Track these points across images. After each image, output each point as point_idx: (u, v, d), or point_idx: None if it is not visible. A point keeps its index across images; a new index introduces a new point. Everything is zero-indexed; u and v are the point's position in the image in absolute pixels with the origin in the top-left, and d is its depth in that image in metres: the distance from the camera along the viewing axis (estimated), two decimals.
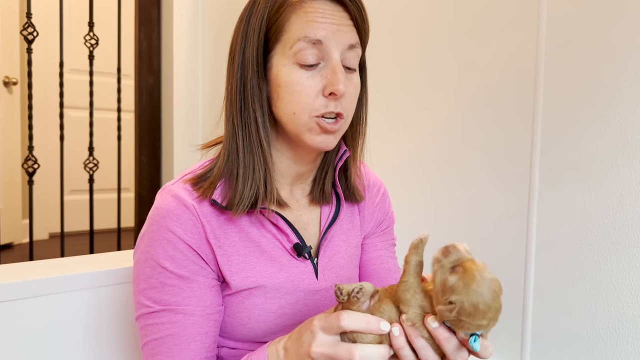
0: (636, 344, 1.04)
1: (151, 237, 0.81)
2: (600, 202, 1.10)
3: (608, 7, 1.08)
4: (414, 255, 0.65)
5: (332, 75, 0.77)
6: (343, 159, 0.90)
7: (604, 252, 1.09)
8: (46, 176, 3.72)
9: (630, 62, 1.05)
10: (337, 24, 0.78)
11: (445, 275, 0.60)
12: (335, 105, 0.78)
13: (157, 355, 0.79)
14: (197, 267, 0.81)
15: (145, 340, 0.81)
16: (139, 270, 0.82)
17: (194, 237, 0.80)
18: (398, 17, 1.58)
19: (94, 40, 2.55)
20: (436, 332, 0.63)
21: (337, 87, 0.76)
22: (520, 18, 1.24)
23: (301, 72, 0.78)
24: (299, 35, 0.77)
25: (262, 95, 0.81)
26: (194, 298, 0.80)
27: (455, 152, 1.41)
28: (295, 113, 0.79)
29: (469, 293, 0.57)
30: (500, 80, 1.29)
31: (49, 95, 3.76)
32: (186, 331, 0.79)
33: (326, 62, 0.78)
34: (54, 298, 1.07)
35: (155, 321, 0.80)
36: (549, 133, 1.19)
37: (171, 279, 0.79)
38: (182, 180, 0.85)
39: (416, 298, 0.64)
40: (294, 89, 0.78)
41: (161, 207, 0.81)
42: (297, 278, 0.86)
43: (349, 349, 0.65)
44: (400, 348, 0.65)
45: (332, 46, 0.77)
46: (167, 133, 2.82)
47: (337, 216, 0.93)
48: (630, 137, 1.05)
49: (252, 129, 0.81)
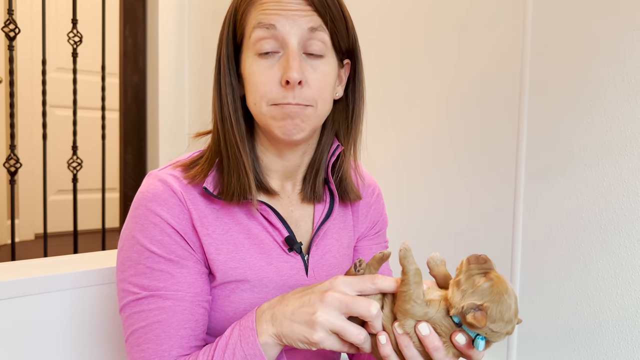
0: (622, 342, 1.05)
1: (137, 222, 0.79)
2: (586, 201, 1.10)
3: (592, 6, 1.08)
4: (411, 265, 0.65)
5: (286, 62, 0.76)
6: (335, 154, 0.89)
7: (590, 251, 1.09)
8: (33, 176, 3.69)
9: (616, 60, 1.05)
10: (292, 9, 0.76)
11: (475, 277, 0.62)
12: (293, 95, 0.76)
13: (143, 344, 0.76)
14: (185, 252, 0.79)
15: (131, 330, 0.78)
16: (124, 256, 0.80)
17: (181, 222, 0.79)
18: (385, 17, 1.57)
19: (78, 38, 2.53)
20: (427, 340, 0.63)
21: (289, 74, 0.74)
22: (506, 17, 1.24)
23: (260, 61, 0.77)
24: (255, 24, 0.77)
25: (234, 92, 0.82)
26: (184, 283, 0.78)
27: (440, 152, 1.41)
28: (256, 103, 0.79)
29: (500, 301, 0.60)
30: (486, 80, 1.29)
31: (35, 93, 3.72)
32: (176, 317, 0.76)
33: (284, 51, 0.77)
34: (35, 299, 1.05)
35: (143, 308, 0.77)
36: (535, 132, 1.19)
37: (160, 264, 0.77)
38: (171, 166, 0.84)
39: (416, 310, 0.64)
40: (253, 79, 0.78)
41: (147, 191, 0.80)
42: (287, 273, 0.84)
43: (368, 301, 0.65)
44: (387, 356, 0.66)
45: (287, 31, 0.76)
46: (152, 132, 2.80)
47: (331, 214, 0.91)
48: (616, 136, 1.05)
49: (228, 125, 0.81)
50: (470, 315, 0.60)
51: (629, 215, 1.04)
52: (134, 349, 0.77)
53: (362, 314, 0.65)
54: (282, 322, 0.68)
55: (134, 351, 0.77)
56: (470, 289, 0.61)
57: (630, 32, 1.03)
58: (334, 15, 0.79)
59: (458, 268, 0.64)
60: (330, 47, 0.80)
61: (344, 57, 0.86)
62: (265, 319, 0.70)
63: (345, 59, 0.86)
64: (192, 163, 0.84)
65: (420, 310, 0.64)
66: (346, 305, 0.65)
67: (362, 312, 0.65)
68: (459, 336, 0.63)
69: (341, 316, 0.66)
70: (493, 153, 1.28)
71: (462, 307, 0.61)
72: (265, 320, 0.70)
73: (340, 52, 0.84)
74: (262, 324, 0.70)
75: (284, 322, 0.68)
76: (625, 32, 1.04)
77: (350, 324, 0.66)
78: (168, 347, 0.76)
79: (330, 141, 0.90)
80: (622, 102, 1.04)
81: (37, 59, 3.62)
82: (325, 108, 0.82)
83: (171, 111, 2.73)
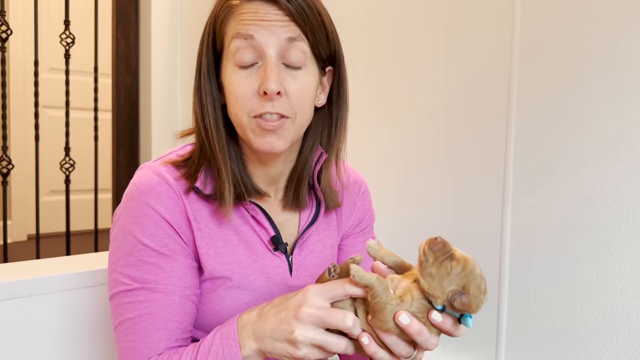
0: (608, 342, 1.06)
1: (130, 214, 0.80)
2: (573, 202, 1.11)
3: (579, 11, 1.10)
4: (369, 278, 0.66)
5: (264, 73, 0.76)
6: (321, 161, 0.90)
7: (577, 252, 1.11)
8: (25, 177, 3.67)
9: (602, 64, 1.06)
10: (269, 20, 0.77)
11: (445, 263, 0.65)
12: (272, 105, 0.77)
13: (131, 335, 0.78)
14: (178, 246, 0.80)
15: (120, 320, 0.79)
16: (116, 247, 0.81)
17: (175, 215, 0.80)
18: (373, 19, 1.58)
19: (70, 39, 2.52)
20: (409, 329, 0.65)
21: (267, 85, 0.75)
22: (495, 20, 1.25)
23: (240, 72, 0.78)
24: (233, 34, 0.77)
25: (215, 102, 0.82)
26: (174, 277, 0.79)
27: (428, 153, 1.42)
28: (237, 114, 0.79)
29: (474, 277, 0.65)
30: (474, 82, 1.30)
31: (27, 94, 3.70)
32: (164, 311, 0.78)
33: (262, 61, 0.77)
34: (27, 300, 1.06)
35: (132, 299, 0.78)
36: (523, 134, 1.20)
37: (152, 257, 0.78)
38: (161, 161, 0.85)
39: (393, 310, 0.66)
40: (233, 89, 0.79)
41: (141, 183, 0.81)
42: (272, 271, 0.86)
43: (343, 312, 0.67)
44: (374, 353, 0.68)
45: (265, 41, 0.76)
46: (145, 133, 2.80)
47: (316, 220, 0.92)
48: (603, 138, 1.07)
49: (210, 134, 0.81)
50: (458, 302, 0.64)
51: (615, 216, 1.05)
52: (122, 339, 0.79)
53: (338, 326, 0.67)
54: (263, 340, 0.71)
55: (123, 341, 0.79)
56: (445, 277, 0.65)
57: (617, 36, 1.04)
58: (313, 25, 0.79)
59: (420, 257, 0.67)
60: (310, 57, 0.81)
61: (326, 65, 0.86)
62: (247, 334, 0.72)
63: (327, 66, 0.86)
64: (181, 162, 0.85)
65: (396, 309, 0.66)
66: (321, 320, 0.67)
67: (338, 325, 0.67)
68: (434, 314, 0.66)
69: (319, 330, 0.68)
70: (481, 154, 1.29)
71: (447, 297, 0.65)
72: (247, 335, 0.72)
73: (322, 60, 0.84)
74: (245, 338, 0.72)
75: (265, 340, 0.70)
76: (612, 35, 1.05)
77: (329, 335, 0.68)
78: (156, 339, 0.77)
79: (313, 148, 0.90)
80: (609, 105, 1.06)
81: (29, 60, 3.61)
82: (305, 118, 0.82)
83: (164, 112, 2.73)
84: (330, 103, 0.90)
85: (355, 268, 0.66)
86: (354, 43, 1.57)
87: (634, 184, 1.03)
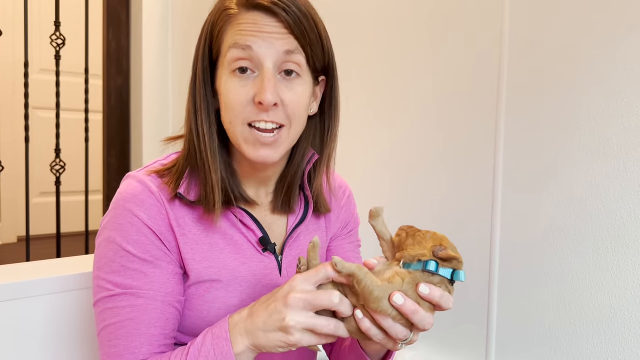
0: (596, 343, 1.07)
1: (114, 221, 0.81)
2: (561, 204, 1.12)
3: (568, 14, 1.10)
4: (349, 267, 0.69)
5: (260, 84, 0.77)
6: (312, 161, 0.91)
7: (566, 253, 1.12)
8: (16, 178, 3.65)
9: (591, 66, 1.07)
10: (268, 32, 0.78)
11: (416, 234, 0.74)
12: (267, 114, 0.78)
13: (114, 340, 0.78)
14: (160, 252, 0.81)
15: (103, 325, 0.80)
16: (100, 253, 0.81)
17: (157, 222, 0.80)
18: (364, 21, 1.58)
19: (61, 40, 2.51)
20: (404, 308, 0.67)
21: (263, 96, 0.76)
22: (484, 24, 1.26)
23: (235, 80, 0.79)
24: (231, 43, 0.78)
25: (209, 107, 0.83)
26: (156, 283, 0.80)
27: (418, 156, 1.42)
28: (231, 122, 0.80)
29: (444, 238, 0.73)
30: (463, 85, 1.31)
31: (17, 95, 3.68)
32: (147, 316, 0.78)
33: (259, 71, 0.78)
34: (16, 303, 1.05)
35: (115, 304, 0.79)
36: (512, 137, 1.21)
37: (134, 263, 0.79)
38: (145, 170, 0.85)
39: (382, 291, 0.68)
40: (228, 97, 0.79)
41: (125, 192, 0.82)
42: (261, 272, 0.87)
43: (328, 292, 0.69)
44: (368, 329, 0.70)
45: (263, 53, 0.77)
46: (136, 134, 2.79)
47: (304, 220, 0.94)
48: (591, 140, 1.07)
49: (202, 141, 0.82)
50: (444, 253, 0.70)
51: (604, 218, 1.06)
52: (105, 344, 0.79)
53: (326, 305, 0.69)
54: (256, 334, 0.71)
55: (106, 346, 0.79)
56: (422, 241, 0.72)
57: (606, 38, 1.05)
58: (310, 37, 0.80)
59: (394, 238, 0.77)
60: (305, 68, 0.82)
61: (319, 75, 0.87)
62: (239, 331, 0.73)
63: (320, 76, 0.88)
64: (164, 171, 0.85)
65: (387, 289, 0.68)
66: (309, 302, 0.69)
67: (325, 304, 0.69)
68: (422, 286, 0.68)
69: (309, 313, 0.69)
70: (470, 156, 1.29)
71: (431, 250, 0.71)
72: (239, 333, 0.73)
73: (316, 70, 0.85)
74: (237, 336, 0.73)
75: (258, 334, 0.71)
76: (602, 38, 1.06)
77: (319, 317, 0.70)
78: (138, 344, 0.78)
79: (304, 156, 0.91)
80: (597, 107, 1.06)
81: (19, 60, 3.59)
82: (299, 127, 0.84)
83: (155, 113, 2.72)
84: (322, 111, 0.91)
85: (336, 259, 0.69)
86: (343, 46, 1.58)
87: (621, 185, 1.03)
